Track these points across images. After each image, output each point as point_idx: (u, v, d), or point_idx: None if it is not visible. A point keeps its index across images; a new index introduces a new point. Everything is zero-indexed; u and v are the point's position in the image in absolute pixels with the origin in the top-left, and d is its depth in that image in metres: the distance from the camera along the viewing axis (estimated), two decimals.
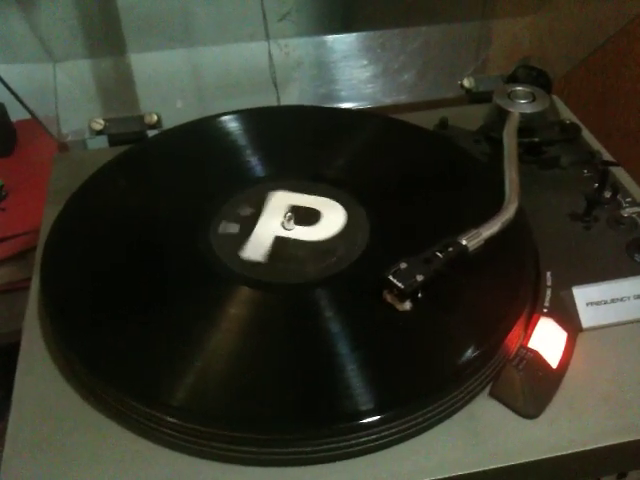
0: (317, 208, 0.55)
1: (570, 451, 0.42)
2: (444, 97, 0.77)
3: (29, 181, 0.87)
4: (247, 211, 0.55)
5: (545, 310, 0.48)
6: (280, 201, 0.56)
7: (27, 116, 0.64)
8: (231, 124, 0.64)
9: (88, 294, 0.49)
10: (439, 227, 0.52)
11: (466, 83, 0.75)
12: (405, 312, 0.45)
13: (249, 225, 0.54)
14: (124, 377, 0.43)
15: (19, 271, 0.80)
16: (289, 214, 0.54)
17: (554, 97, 0.72)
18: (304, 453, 0.40)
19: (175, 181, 0.59)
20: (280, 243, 0.52)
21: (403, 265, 0.45)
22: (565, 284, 0.50)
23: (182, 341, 0.45)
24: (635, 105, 1.00)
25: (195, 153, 0.62)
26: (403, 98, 0.78)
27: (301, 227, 0.54)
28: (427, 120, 0.66)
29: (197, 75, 0.75)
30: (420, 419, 0.41)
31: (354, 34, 0.77)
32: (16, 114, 0.91)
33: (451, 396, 0.42)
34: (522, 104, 0.61)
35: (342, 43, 0.77)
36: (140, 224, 0.55)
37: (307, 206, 0.56)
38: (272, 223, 0.54)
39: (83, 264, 0.51)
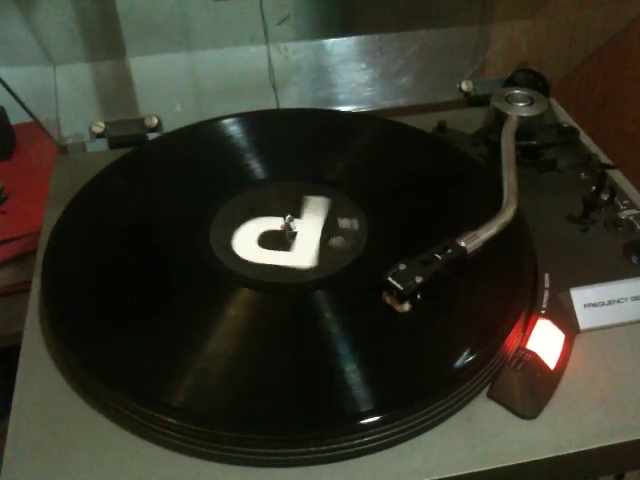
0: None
1: (568, 452, 0.42)
2: (442, 100, 0.77)
3: (28, 184, 0.87)
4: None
5: (543, 312, 0.48)
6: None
7: (26, 119, 0.64)
8: (231, 127, 0.64)
9: (88, 296, 0.49)
10: (438, 229, 0.52)
11: (464, 86, 0.76)
12: (404, 313, 0.46)
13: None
14: (124, 379, 0.43)
15: (19, 273, 0.80)
16: (288, 216, 0.54)
17: (552, 100, 0.73)
18: (303, 454, 0.40)
19: (175, 184, 0.59)
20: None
21: (402, 267, 0.46)
22: (563, 286, 0.50)
23: (182, 343, 0.45)
24: (633, 108, 1.01)
25: (195, 156, 0.62)
26: (402, 101, 0.78)
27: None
28: (426, 123, 0.67)
29: (196, 78, 0.75)
30: (419, 420, 0.42)
31: (353, 38, 0.77)
32: (15, 117, 0.91)
33: (450, 397, 0.42)
34: (520, 107, 0.62)
35: (341, 47, 0.77)
36: (140, 227, 0.55)
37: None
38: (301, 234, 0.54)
39: (83, 266, 0.51)
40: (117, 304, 0.48)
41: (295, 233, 0.54)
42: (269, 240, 0.53)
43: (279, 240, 0.53)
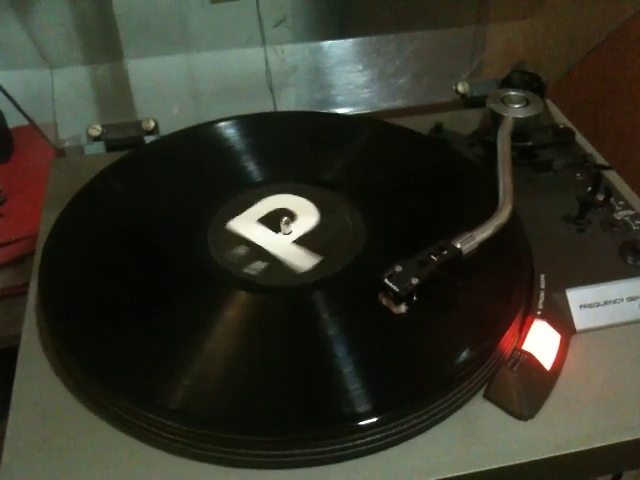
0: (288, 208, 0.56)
1: (565, 452, 0.42)
2: (439, 101, 0.77)
3: (27, 187, 0.87)
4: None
5: (539, 312, 0.48)
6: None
7: (24, 122, 0.64)
8: (228, 130, 0.65)
9: (86, 298, 0.49)
10: (435, 230, 0.52)
11: (460, 88, 0.76)
12: (400, 314, 0.46)
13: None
14: (122, 380, 0.43)
15: (18, 276, 0.80)
16: (285, 218, 0.54)
17: (548, 101, 0.73)
18: (301, 455, 0.41)
19: (173, 186, 0.59)
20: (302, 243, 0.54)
21: (398, 268, 0.46)
22: (559, 286, 0.50)
23: (180, 344, 0.45)
24: (628, 108, 1.01)
25: (192, 159, 0.62)
26: (399, 103, 0.78)
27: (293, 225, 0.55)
28: (422, 124, 0.67)
29: (194, 81, 0.75)
30: (416, 421, 0.42)
31: (350, 39, 0.77)
32: (13, 120, 0.91)
33: (446, 398, 0.42)
34: (515, 108, 0.62)
35: (338, 48, 0.78)
36: (138, 229, 0.55)
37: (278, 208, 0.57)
38: (272, 236, 0.55)
39: (81, 269, 0.51)
40: (114, 306, 0.48)
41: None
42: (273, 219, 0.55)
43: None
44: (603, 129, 1.05)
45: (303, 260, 0.52)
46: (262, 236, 0.54)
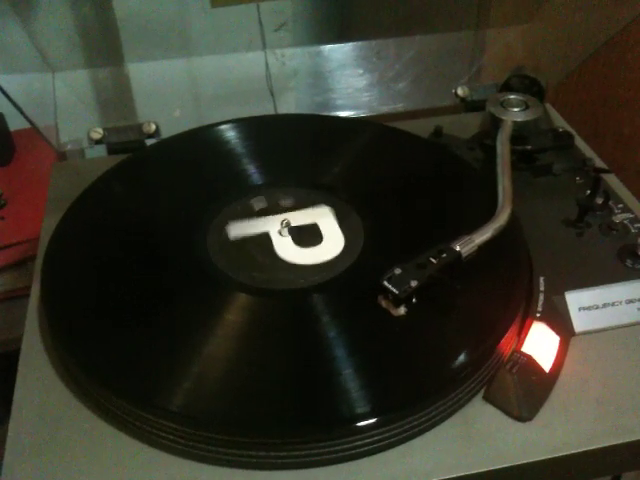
0: (322, 233, 0.55)
1: (564, 453, 0.42)
2: (439, 105, 0.77)
3: (28, 190, 0.87)
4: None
5: (538, 315, 0.48)
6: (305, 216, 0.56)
7: (25, 125, 0.64)
8: (229, 133, 0.65)
9: (87, 301, 0.49)
10: (434, 233, 0.53)
11: (460, 92, 0.76)
12: (400, 317, 0.46)
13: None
14: (123, 383, 0.43)
15: (19, 279, 0.80)
16: (286, 221, 0.54)
17: (547, 105, 0.73)
18: (300, 457, 0.41)
19: (173, 189, 0.59)
20: (261, 240, 0.54)
21: (397, 271, 0.46)
22: (558, 289, 0.50)
23: (180, 347, 0.45)
24: (627, 112, 1.01)
25: (193, 161, 0.62)
26: (399, 106, 0.78)
27: (293, 244, 0.54)
28: (422, 128, 0.67)
29: (195, 84, 0.76)
30: (415, 422, 0.42)
31: (350, 43, 0.78)
32: (14, 124, 0.92)
33: (446, 400, 0.43)
34: (515, 112, 0.62)
35: (338, 52, 0.78)
36: (139, 232, 0.55)
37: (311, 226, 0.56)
38: (274, 223, 0.55)
39: (82, 271, 0.52)
40: (115, 309, 0.48)
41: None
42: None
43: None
44: (602, 131, 1.05)
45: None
46: (275, 217, 0.56)
